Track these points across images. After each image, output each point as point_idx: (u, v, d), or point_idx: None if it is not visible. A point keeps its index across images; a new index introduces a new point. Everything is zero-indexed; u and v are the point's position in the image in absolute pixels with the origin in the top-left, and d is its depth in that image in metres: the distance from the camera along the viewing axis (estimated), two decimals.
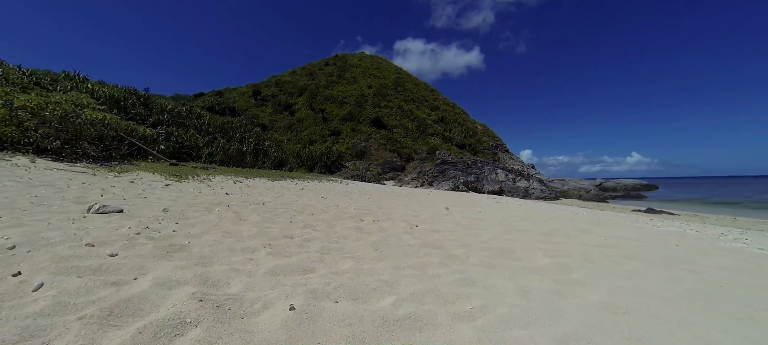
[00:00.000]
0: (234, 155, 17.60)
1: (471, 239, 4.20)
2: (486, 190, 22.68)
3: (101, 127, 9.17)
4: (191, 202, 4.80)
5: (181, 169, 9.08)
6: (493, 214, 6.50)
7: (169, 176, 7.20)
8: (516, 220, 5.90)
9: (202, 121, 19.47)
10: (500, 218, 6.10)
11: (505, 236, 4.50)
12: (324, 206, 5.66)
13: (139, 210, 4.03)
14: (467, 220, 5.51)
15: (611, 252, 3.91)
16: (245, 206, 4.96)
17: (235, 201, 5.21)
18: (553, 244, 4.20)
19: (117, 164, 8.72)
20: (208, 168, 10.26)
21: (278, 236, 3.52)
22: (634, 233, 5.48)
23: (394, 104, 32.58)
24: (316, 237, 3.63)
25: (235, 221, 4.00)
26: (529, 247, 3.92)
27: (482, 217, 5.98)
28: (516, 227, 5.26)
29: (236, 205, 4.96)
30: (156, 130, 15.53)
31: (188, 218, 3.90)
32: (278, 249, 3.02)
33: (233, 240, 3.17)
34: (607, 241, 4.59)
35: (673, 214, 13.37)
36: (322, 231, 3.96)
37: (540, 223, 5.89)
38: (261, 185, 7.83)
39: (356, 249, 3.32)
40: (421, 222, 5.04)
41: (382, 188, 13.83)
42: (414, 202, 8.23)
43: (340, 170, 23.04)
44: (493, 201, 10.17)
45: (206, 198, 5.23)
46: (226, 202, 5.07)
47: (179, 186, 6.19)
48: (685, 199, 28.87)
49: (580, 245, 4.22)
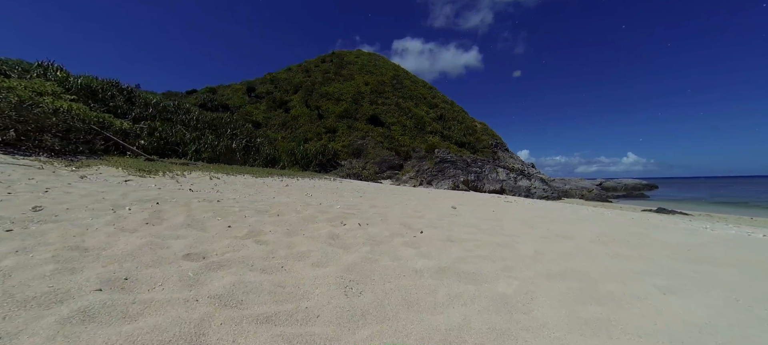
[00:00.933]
0: (223, 152, 16.71)
1: (508, 254, 3.00)
2: (487, 189, 21.93)
3: (67, 118, 8.27)
4: (118, 201, 3.67)
5: (157, 165, 8.21)
6: (509, 215, 5.61)
7: (137, 172, 6.36)
8: (541, 222, 5.01)
9: (190, 117, 18.57)
10: (521, 218, 5.22)
11: (554, 248, 3.33)
12: (301, 205, 4.70)
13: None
14: (484, 223, 4.48)
15: (706, 268, 2.94)
16: (188, 204, 3.86)
17: (183, 198, 4.17)
18: (625, 258, 3.14)
19: (84, 159, 7.84)
20: (189, 164, 9.40)
21: (178, 255, 2.26)
22: (696, 238, 4.55)
23: (392, 101, 31.78)
24: (245, 258, 2.33)
25: (140, 224, 2.88)
26: (612, 270, 2.73)
27: (499, 218, 5.08)
28: (553, 232, 4.23)
29: (176, 202, 3.86)
30: (139, 124, 14.62)
31: (65, 220, 2.74)
32: (133, 287, 1.72)
33: (90, 257, 2.00)
34: (690, 252, 3.55)
35: (686, 214, 12.68)
36: (269, 244, 2.72)
37: (574, 225, 4.96)
38: (240, 182, 6.97)
39: (306, 290, 1.93)
40: (426, 226, 3.93)
41: (379, 186, 12.99)
42: (414, 199, 7.42)
43: (335, 169, 22.21)
44: (501, 200, 9.36)
45: (146, 192, 4.24)
46: (169, 199, 4.04)
47: (140, 182, 5.34)
48: (688, 198, 28.30)
49: (664, 258, 3.22)
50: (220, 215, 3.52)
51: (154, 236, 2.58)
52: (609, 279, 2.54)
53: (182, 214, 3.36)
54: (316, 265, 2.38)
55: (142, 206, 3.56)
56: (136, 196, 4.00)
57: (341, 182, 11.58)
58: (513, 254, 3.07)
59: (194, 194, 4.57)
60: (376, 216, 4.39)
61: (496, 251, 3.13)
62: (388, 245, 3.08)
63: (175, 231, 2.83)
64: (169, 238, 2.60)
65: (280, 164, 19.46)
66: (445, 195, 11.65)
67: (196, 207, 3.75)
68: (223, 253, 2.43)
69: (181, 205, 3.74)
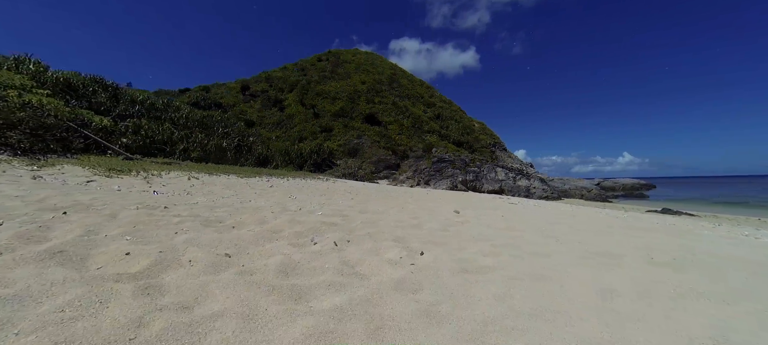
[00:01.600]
0: (213, 151, 16.11)
1: (561, 301, 2.07)
2: (486, 189, 21.47)
3: (39, 114, 7.68)
4: (18, 209, 2.85)
5: (134, 164, 7.64)
6: (522, 221, 4.88)
7: (106, 172, 5.79)
8: (563, 232, 4.23)
9: (179, 115, 17.93)
10: (537, 227, 4.50)
11: (612, 280, 2.47)
12: (278, 209, 4.02)
13: None
14: (499, 235, 3.66)
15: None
16: (116, 214, 3.00)
17: (123, 203, 3.49)
18: (720, 299, 2.28)
19: (55, 158, 7.26)
20: (171, 163, 8.82)
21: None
22: (745, 250, 3.88)
23: (389, 100, 31.26)
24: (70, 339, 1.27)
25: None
26: (736, 321, 1.96)
27: (513, 228, 4.33)
28: (588, 248, 3.38)
29: (98, 211, 3.03)
30: (124, 122, 14.00)
31: None
32: None
33: None
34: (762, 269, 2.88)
35: (692, 215, 12.29)
36: (163, 291, 1.74)
37: (603, 236, 4.16)
38: (221, 183, 6.40)
39: None
40: (427, 241, 3.13)
41: (374, 187, 12.46)
42: (411, 202, 6.89)
43: (331, 169, 21.66)
44: (504, 201, 8.81)
45: (81, 197, 3.53)
46: (100, 206, 3.25)
47: (102, 183, 4.79)
48: (688, 198, 28.01)
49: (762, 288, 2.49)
50: (140, 231, 2.58)
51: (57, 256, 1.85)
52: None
53: (79, 229, 2.43)
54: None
55: (43, 216, 2.66)
56: (55, 202, 3.18)
57: (334, 182, 11.03)
58: (567, 300, 2.09)
59: (147, 198, 3.93)
60: (363, 226, 3.64)
61: (538, 293, 2.16)
62: (370, 285, 2.09)
63: (15, 267, 1.76)
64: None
65: (272, 164, 18.88)
66: (444, 196, 11.15)
67: (123, 217, 2.91)
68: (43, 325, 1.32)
69: (105, 215, 2.95)
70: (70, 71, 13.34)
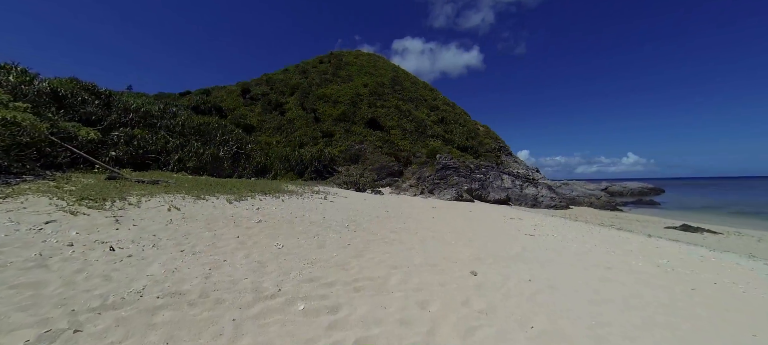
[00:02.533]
0: (209, 161, 15.55)
1: None
2: (492, 198, 20.75)
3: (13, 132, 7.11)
4: None
5: (116, 186, 7.04)
6: (560, 281, 4.10)
7: (79, 201, 5.18)
8: (615, 309, 3.53)
9: (175, 122, 17.39)
10: (583, 304, 3.67)
11: None
12: (247, 300, 3.15)
13: None
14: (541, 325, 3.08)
15: None
16: (45, 300, 2.65)
17: (70, 271, 3.13)
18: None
19: (31, 179, 6.68)
20: (158, 183, 8.22)
21: None
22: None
23: (392, 104, 30.59)
24: None
25: None
26: None
27: (554, 311, 3.45)
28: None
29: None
30: (117, 132, 13.46)
31: None
32: None
33: None
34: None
35: (714, 232, 11.54)
36: None
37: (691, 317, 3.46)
38: (204, 217, 5.61)
39: None
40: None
41: (372, 203, 11.80)
42: (420, 240, 6.13)
43: (332, 175, 21.04)
44: (524, 225, 7.93)
45: (17, 258, 3.09)
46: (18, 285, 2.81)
47: (62, 223, 4.13)
48: (702, 207, 27.09)
49: None
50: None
51: None
52: None
53: None
54: None
55: None
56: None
57: (334, 200, 10.38)
58: None
59: (94, 265, 3.29)
60: (344, 320, 2.97)
61: None
62: None
63: None
64: None
65: (271, 173, 18.30)
66: (451, 215, 10.47)
67: (41, 312, 2.45)
68: None
69: (12, 306, 2.55)
70: (58, 79, 12.80)
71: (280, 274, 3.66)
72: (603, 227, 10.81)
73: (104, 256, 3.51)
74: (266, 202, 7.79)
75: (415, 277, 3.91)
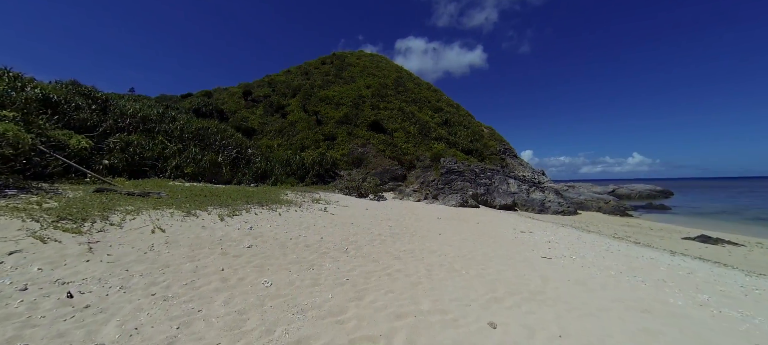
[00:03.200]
0: (207, 167, 15.17)
1: None
2: (498, 204, 20.18)
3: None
4: None
5: (101, 199, 6.63)
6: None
7: (54, 223, 4.77)
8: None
9: (174, 126, 17.04)
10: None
11: None
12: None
13: None
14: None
15: None
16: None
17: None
18: None
19: (13, 192, 6.30)
20: (149, 194, 7.80)
21: None
22: None
23: (395, 106, 30.08)
24: None
25: None
26: None
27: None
28: None
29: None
30: (112, 138, 13.11)
31: None
32: None
33: None
34: None
35: (737, 245, 10.91)
36: None
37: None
38: (190, 241, 5.20)
39: None
40: None
41: (374, 214, 11.30)
42: (413, 259, 5.54)
43: (334, 180, 20.60)
44: (543, 249, 7.11)
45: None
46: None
47: (27, 254, 3.71)
48: (714, 212, 26.26)
49: None
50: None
51: None
52: None
53: None
54: None
55: None
56: None
57: (334, 211, 9.91)
58: None
59: (24, 325, 2.72)
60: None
61: None
62: None
63: None
64: None
65: (272, 178, 17.88)
66: (460, 226, 9.95)
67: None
68: None
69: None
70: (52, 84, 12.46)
71: (262, 334, 3.00)
72: (620, 241, 10.21)
73: (56, 309, 2.94)
74: (261, 217, 7.33)
75: (423, 332, 3.31)
